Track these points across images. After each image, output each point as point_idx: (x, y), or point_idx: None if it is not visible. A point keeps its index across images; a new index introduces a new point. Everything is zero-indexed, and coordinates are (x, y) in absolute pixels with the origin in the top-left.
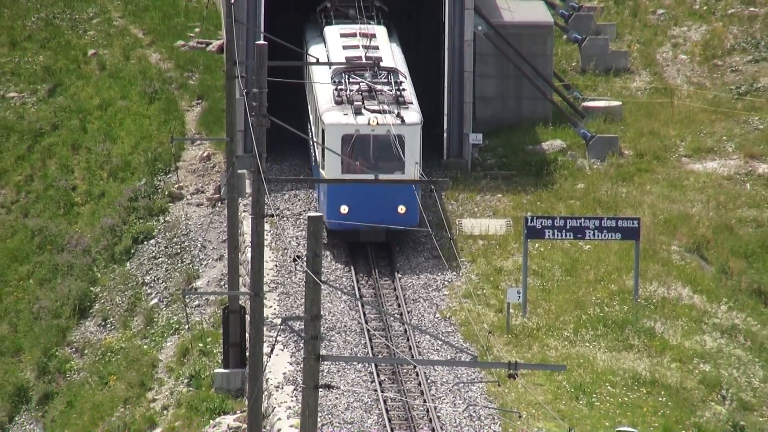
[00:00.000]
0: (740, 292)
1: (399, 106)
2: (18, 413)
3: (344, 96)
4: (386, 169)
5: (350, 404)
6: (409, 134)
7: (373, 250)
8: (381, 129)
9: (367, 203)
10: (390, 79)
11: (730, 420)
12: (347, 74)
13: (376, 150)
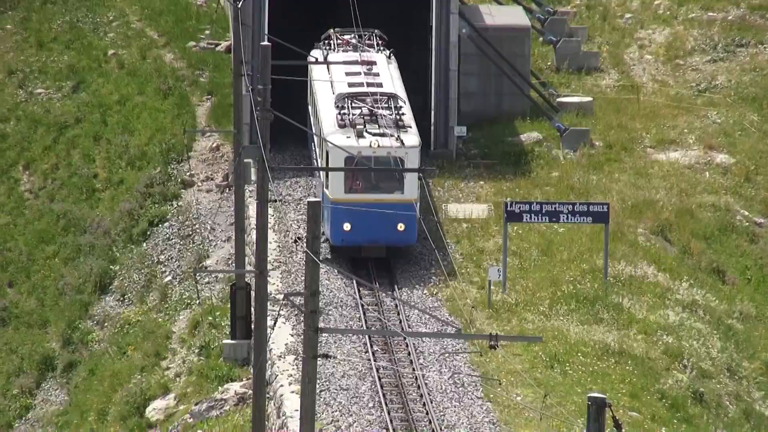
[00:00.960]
0: (700, 270)
1: (399, 129)
2: (45, 380)
3: (347, 120)
4: (387, 190)
5: (346, 372)
6: (408, 156)
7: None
8: (382, 151)
9: (368, 221)
10: (390, 104)
11: (690, 387)
12: (350, 99)
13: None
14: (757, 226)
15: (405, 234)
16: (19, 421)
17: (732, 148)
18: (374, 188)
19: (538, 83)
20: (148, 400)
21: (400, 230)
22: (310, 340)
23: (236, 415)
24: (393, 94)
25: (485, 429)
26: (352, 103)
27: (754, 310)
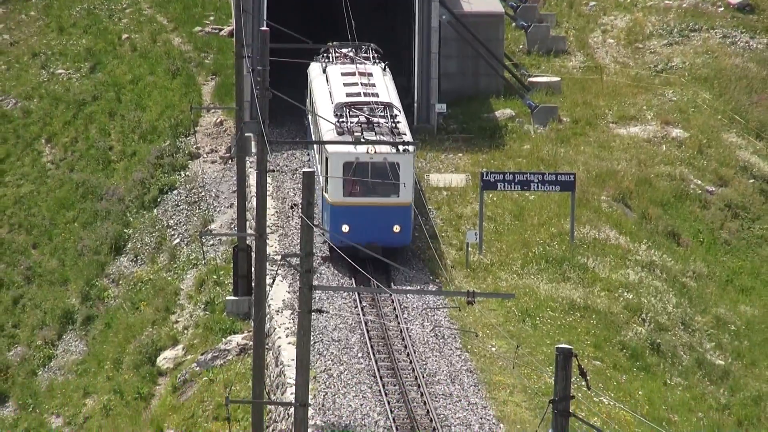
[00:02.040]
0: (657, 234)
1: (394, 136)
2: (65, 332)
3: (345, 127)
4: (383, 193)
5: (337, 325)
6: (403, 162)
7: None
8: (378, 157)
9: (365, 223)
10: (386, 113)
11: (648, 338)
12: (348, 108)
13: (374, 176)
14: (709, 194)
15: (401, 235)
16: (42, 369)
17: (686, 123)
18: (371, 192)
19: (511, 65)
20: (158, 350)
21: (396, 232)
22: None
23: (238, 363)
24: (389, 103)
25: (463, 376)
26: (350, 112)
27: (705, 269)
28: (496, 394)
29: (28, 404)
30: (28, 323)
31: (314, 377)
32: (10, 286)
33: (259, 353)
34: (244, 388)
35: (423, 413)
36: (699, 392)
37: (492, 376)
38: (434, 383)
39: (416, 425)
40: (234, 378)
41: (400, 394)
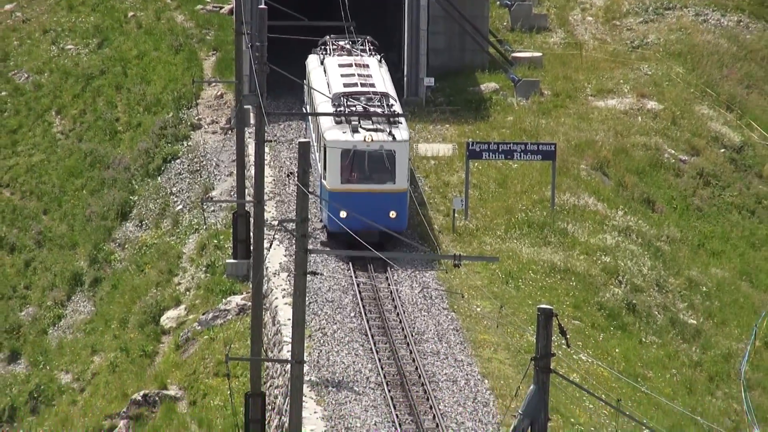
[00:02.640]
0: (633, 200)
1: (390, 125)
2: (74, 293)
3: (343, 116)
4: (379, 180)
5: (331, 287)
6: (399, 150)
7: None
8: (375, 145)
9: (362, 209)
10: (382, 102)
11: (624, 299)
12: (345, 98)
13: (370, 163)
14: (682, 163)
15: (397, 221)
16: (52, 328)
17: (660, 96)
18: (368, 179)
19: (496, 41)
20: (162, 310)
21: (392, 217)
22: (300, 259)
23: (237, 323)
24: (385, 93)
25: (450, 335)
26: (347, 102)
27: (678, 234)
28: (481, 352)
29: (39, 361)
30: (39, 285)
31: (309, 335)
32: (22, 249)
33: (257, 313)
34: (243, 346)
35: (412, 369)
36: (672, 350)
37: (477, 334)
38: (422, 341)
39: (405, 381)
40: (233, 336)
41: (390, 351)
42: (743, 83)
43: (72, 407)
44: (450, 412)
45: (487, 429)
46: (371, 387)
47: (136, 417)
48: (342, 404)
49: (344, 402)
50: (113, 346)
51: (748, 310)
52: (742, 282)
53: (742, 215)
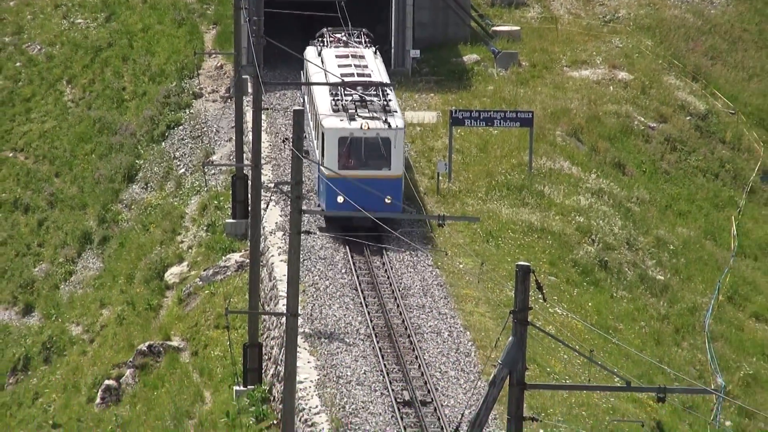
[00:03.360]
0: (605, 165)
1: (386, 113)
2: (84, 251)
3: (340, 105)
4: (375, 166)
5: (323, 245)
6: (395, 137)
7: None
8: (371, 133)
9: (359, 195)
10: (378, 92)
11: (597, 257)
12: (342, 88)
13: (367, 150)
14: (650, 130)
15: (392, 206)
16: (63, 283)
17: (631, 67)
18: (365, 165)
19: (477, 15)
20: (166, 267)
21: (387, 202)
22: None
23: (236, 278)
24: (381, 83)
25: (434, 290)
26: (344, 91)
27: (647, 195)
28: (463, 306)
29: (51, 314)
30: (51, 243)
31: (303, 290)
32: (36, 210)
33: (255, 269)
34: (241, 300)
35: (399, 322)
36: (641, 304)
37: (460, 289)
38: (409, 296)
39: (393, 332)
40: (232, 291)
41: (379, 305)
42: (708, 55)
43: (82, 357)
44: (434, 361)
45: (468, 378)
46: (361, 338)
47: (141, 366)
48: (334, 354)
49: (336, 352)
50: (120, 300)
51: (711, 267)
52: (706, 240)
53: (706, 178)
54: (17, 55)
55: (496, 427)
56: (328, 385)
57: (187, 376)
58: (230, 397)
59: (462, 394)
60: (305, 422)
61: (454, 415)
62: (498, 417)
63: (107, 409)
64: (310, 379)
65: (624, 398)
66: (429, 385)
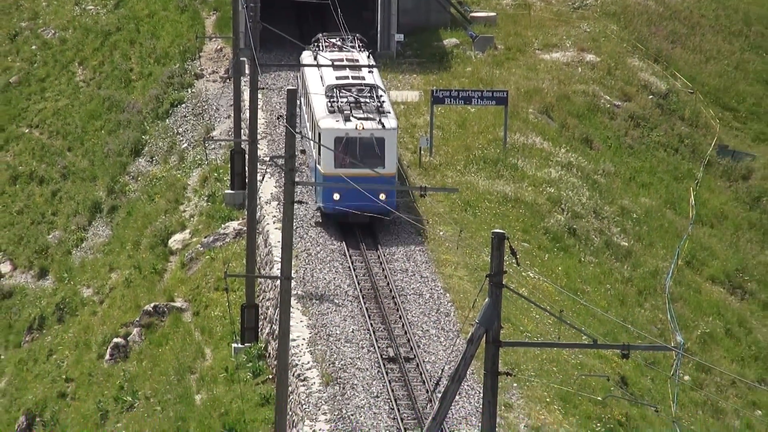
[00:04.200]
0: (574, 140)
1: (380, 114)
2: (94, 219)
3: (336, 106)
4: (370, 165)
5: (314, 214)
6: (388, 137)
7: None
8: (366, 133)
9: (354, 192)
10: (372, 94)
11: (566, 224)
12: (338, 90)
13: (361, 150)
14: (616, 108)
15: (386, 202)
16: (75, 249)
17: (597, 50)
18: (360, 164)
19: (456, 2)
20: (170, 234)
21: (381, 200)
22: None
23: (234, 245)
24: (374, 85)
25: (417, 255)
26: (339, 93)
27: (612, 168)
28: (443, 270)
29: (64, 278)
30: (64, 212)
31: (296, 256)
32: (50, 181)
33: (252, 236)
34: (239, 265)
35: (384, 284)
36: (607, 268)
37: (440, 255)
38: (393, 260)
39: (378, 294)
40: (231, 256)
41: (366, 269)
42: (668, 39)
43: (92, 317)
44: (417, 321)
45: (448, 336)
46: (349, 300)
47: (147, 325)
48: (324, 314)
49: (326, 312)
50: (128, 264)
51: (671, 234)
52: (666, 210)
53: (667, 152)
54: (33, 39)
55: (473, 382)
56: (319, 343)
57: (189, 334)
58: (229, 354)
59: (442, 350)
60: (298, 377)
61: (435, 370)
62: (475, 372)
63: (116, 365)
64: (302, 337)
65: (591, 355)
66: (412, 342)
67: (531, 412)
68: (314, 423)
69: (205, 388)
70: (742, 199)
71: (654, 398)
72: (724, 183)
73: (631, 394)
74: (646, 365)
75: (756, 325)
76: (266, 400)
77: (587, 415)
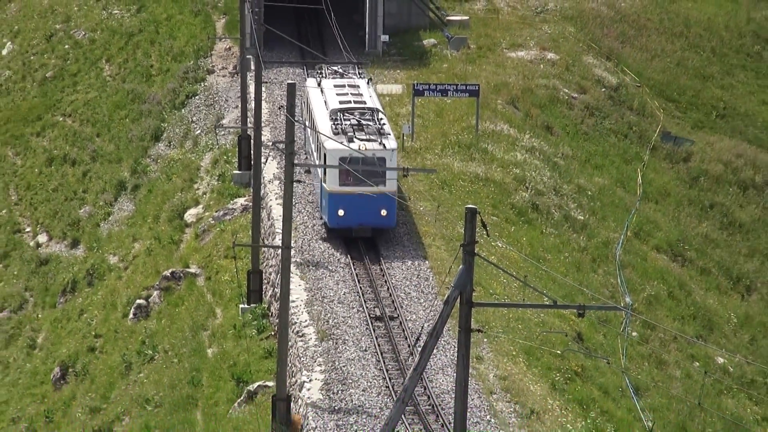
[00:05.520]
0: (536, 127)
1: (380, 136)
2: (120, 196)
3: (340, 129)
4: (372, 183)
5: (312, 191)
6: (388, 157)
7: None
8: (368, 153)
9: (358, 208)
10: (373, 117)
11: (530, 201)
12: (341, 113)
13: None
14: (573, 99)
15: (387, 218)
16: (103, 222)
17: (557, 49)
18: (363, 182)
19: (434, 7)
20: (185, 209)
21: (383, 215)
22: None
23: (241, 218)
24: (375, 109)
25: (400, 227)
26: (343, 116)
27: (570, 152)
28: (423, 240)
29: (94, 247)
30: (93, 190)
31: (295, 228)
32: (80, 163)
33: (256, 211)
34: (246, 236)
35: (372, 253)
36: (565, 238)
37: (420, 227)
38: (380, 232)
39: (367, 261)
40: (238, 228)
41: (356, 240)
42: (618, 39)
43: (118, 281)
44: (400, 285)
45: (427, 298)
46: (341, 266)
47: (165, 288)
48: (319, 279)
49: (321, 277)
50: (149, 235)
51: (621, 209)
52: (617, 188)
53: (617, 138)
54: (66, 39)
55: (449, 337)
56: (315, 304)
57: (202, 296)
58: (237, 314)
59: (422, 310)
60: (297, 333)
61: (416, 327)
62: (451, 329)
63: (138, 323)
64: (300, 299)
65: (551, 314)
66: (396, 303)
67: (499, 364)
68: (311, 373)
69: (216, 343)
70: (682, 179)
71: (606, 351)
72: (667, 165)
73: (586, 348)
74: (599, 323)
75: (694, 288)
76: (269, 353)
77: (548, 366)
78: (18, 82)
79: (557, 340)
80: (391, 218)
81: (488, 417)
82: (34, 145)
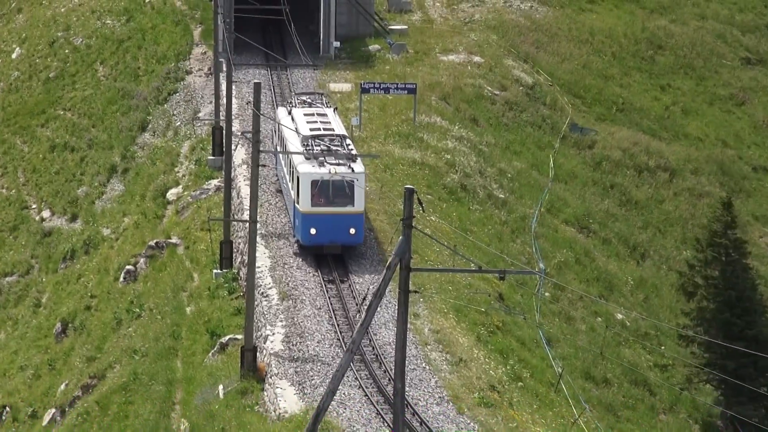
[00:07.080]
0: (465, 119)
1: (349, 160)
2: (111, 178)
3: (311, 154)
4: (341, 204)
5: (276, 174)
6: (357, 180)
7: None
8: (338, 176)
9: (328, 227)
10: (341, 142)
11: (459, 182)
12: (312, 139)
13: (334, 191)
14: (495, 96)
15: (355, 236)
16: (98, 200)
17: (482, 53)
18: (332, 203)
19: (379, 18)
20: (167, 188)
21: (351, 234)
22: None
23: (215, 197)
24: (343, 135)
25: None
26: (314, 142)
27: (493, 140)
28: (369, 215)
29: (89, 221)
30: (89, 172)
31: (261, 205)
32: (78, 150)
33: (228, 190)
34: (219, 211)
35: None
36: (489, 214)
37: (367, 204)
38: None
39: None
40: (212, 205)
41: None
42: (534, 45)
43: (110, 250)
44: (349, 252)
45: (372, 264)
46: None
47: (151, 256)
48: (281, 248)
49: (282, 247)
50: (136, 211)
51: (536, 189)
52: (532, 171)
53: (533, 129)
54: (66, 45)
55: (391, 297)
56: (277, 269)
57: (181, 263)
58: (211, 277)
59: (368, 275)
60: (262, 294)
61: (362, 289)
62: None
63: (127, 285)
64: (265, 265)
65: (477, 278)
66: (346, 268)
67: (433, 320)
68: (274, 328)
69: (194, 303)
70: (587, 163)
71: (523, 309)
72: (575, 151)
73: (506, 306)
74: (517, 285)
75: (597, 255)
76: (238, 311)
77: (474, 321)
78: (25, 81)
79: (482, 300)
80: (359, 236)
81: (423, 364)
82: (39, 135)
